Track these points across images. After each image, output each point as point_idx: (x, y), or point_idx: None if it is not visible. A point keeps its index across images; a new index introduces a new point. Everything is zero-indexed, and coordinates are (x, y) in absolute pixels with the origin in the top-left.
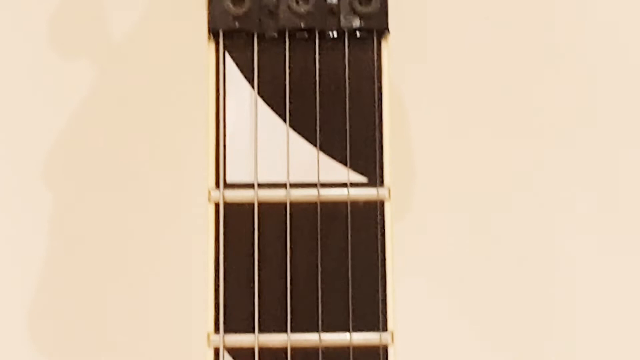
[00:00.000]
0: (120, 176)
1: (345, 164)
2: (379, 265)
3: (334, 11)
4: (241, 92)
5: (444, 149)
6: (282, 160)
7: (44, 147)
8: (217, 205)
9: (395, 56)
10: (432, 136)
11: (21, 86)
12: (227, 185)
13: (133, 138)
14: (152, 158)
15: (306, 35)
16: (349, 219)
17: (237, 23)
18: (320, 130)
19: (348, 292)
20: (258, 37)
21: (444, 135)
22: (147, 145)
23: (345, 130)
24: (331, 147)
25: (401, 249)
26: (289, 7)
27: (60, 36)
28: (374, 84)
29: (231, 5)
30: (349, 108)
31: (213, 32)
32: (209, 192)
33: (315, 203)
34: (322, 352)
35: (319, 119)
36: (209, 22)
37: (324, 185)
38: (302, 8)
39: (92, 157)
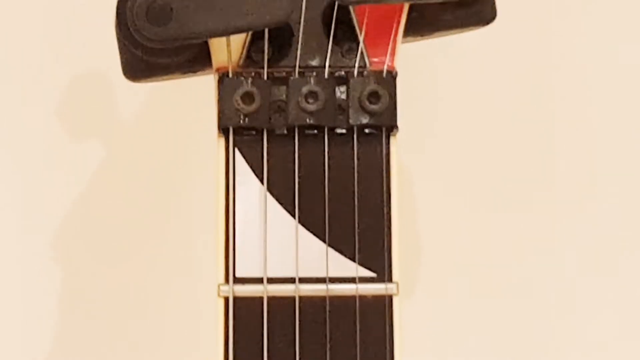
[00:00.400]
0: (127, 266)
1: (354, 260)
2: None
3: (343, 108)
4: (251, 187)
5: (451, 238)
6: (291, 255)
7: (51, 228)
8: (226, 299)
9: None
10: (440, 225)
11: (32, 165)
12: (237, 280)
13: (141, 229)
14: (161, 250)
15: (315, 132)
16: (358, 314)
17: (246, 120)
18: (329, 226)
19: None
20: (267, 134)
21: (452, 225)
22: (156, 236)
23: (354, 225)
24: (340, 243)
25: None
26: (298, 104)
27: (71, 117)
28: (382, 180)
29: (241, 103)
30: (358, 204)
31: (223, 129)
32: (219, 287)
33: (324, 298)
34: None
35: (328, 214)
36: (219, 119)
37: (332, 280)
38: (312, 105)
39: (98, 246)
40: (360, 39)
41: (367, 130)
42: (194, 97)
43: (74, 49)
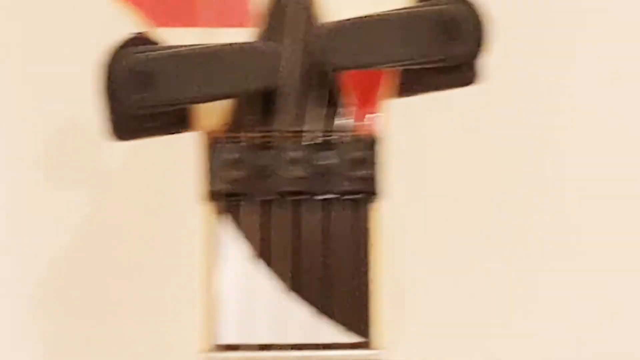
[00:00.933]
0: (108, 324)
1: (341, 325)
2: None
3: (327, 174)
4: (236, 252)
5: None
6: (277, 321)
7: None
8: None
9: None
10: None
11: (18, 214)
12: (221, 347)
13: (121, 287)
14: (143, 311)
15: (300, 198)
16: None
17: (232, 186)
18: (314, 291)
19: None
20: (252, 200)
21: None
22: (137, 295)
23: (340, 291)
24: (327, 308)
25: None
26: (284, 171)
27: (54, 166)
28: (367, 246)
29: (226, 170)
30: (344, 269)
31: (209, 194)
32: (202, 355)
33: None
34: None
35: (314, 280)
36: (205, 184)
37: (319, 346)
38: (297, 172)
39: (80, 301)
40: (345, 102)
41: (351, 197)
42: (180, 151)
43: (58, 96)
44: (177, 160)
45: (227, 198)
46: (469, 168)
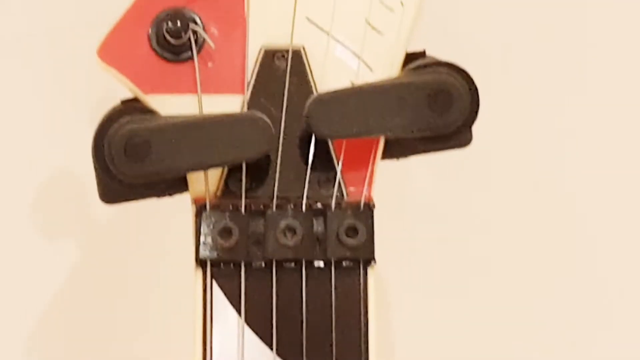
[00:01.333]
0: None
1: None
2: None
3: (320, 241)
4: (228, 319)
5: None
6: None
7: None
8: None
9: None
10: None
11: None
12: None
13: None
14: None
15: (293, 265)
16: None
17: (224, 254)
18: (307, 359)
19: None
20: (245, 267)
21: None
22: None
23: (332, 358)
24: None
25: None
26: (276, 238)
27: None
28: (360, 312)
29: (219, 238)
30: (336, 337)
31: (200, 261)
32: None
33: None
34: None
35: (306, 347)
36: (197, 251)
37: None
38: (290, 240)
39: (71, 348)
40: (338, 169)
41: (344, 264)
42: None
43: (49, 149)
44: (171, 223)
45: (219, 265)
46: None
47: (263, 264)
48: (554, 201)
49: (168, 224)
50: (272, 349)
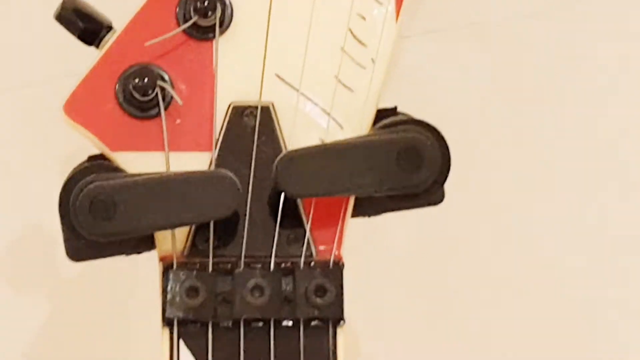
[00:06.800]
0: None
1: None
2: None
3: (289, 300)
4: None
5: None
6: None
7: None
8: None
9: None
10: None
11: None
12: None
13: None
14: None
15: (261, 324)
16: None
17: (191, 314)
18: None
19: None
20: (212, 326)
21: None
22: None
23: None
24: None
25: None
26: (244, 298)
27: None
28: None
29: (185, 297)
30: None
31: (167, 320)
32: None
33: None
34: None
35: None
36: (163, 311)
37: None
38: (258, 300)
39: None
40: (307, 228)
41: (313, 323)
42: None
43: (17, 201)
44: (138, 280)
45: (184, 324)
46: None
47: (230, 323)
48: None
49: (137, 282)
50: None
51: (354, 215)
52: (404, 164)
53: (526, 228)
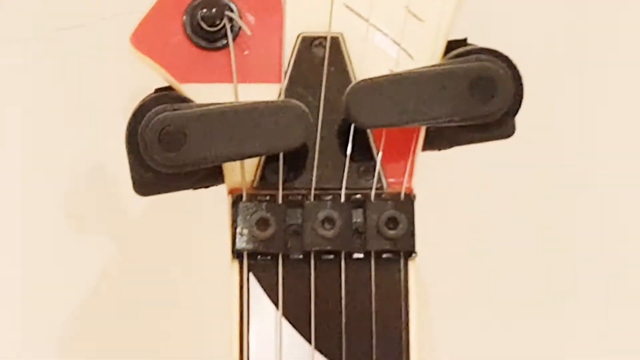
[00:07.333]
0: None
1: None
2: None
3: (360, 232)
4: (265, 312)
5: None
6: None
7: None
8: None
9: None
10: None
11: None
12: None
13: (146, 340)
14: None
15: (332, 257)
16: None
17: (261, 245)
18: (346, 352)
19: None
20: (283, 259)
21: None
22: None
23: (372, 352)
24: None
25: None
26: (314, 230)
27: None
28: (401, 305)
29: (256, 229)
30: (376, 330)
31: (237, 253)
32: None
33: None
34: None
35: (345, 340)
36: (233, 243)
37: None
38: (328, 231)
39: (104, 345)
40: (378, 159)
41: (384, 255)
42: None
43: (82, 142)
44: (206, 215)
45: (256, 257)
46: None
47: (301, 256)
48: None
49: (202, 217)
50: (310, 342)
51: (424, 149)
52: (476, 94)
53: None
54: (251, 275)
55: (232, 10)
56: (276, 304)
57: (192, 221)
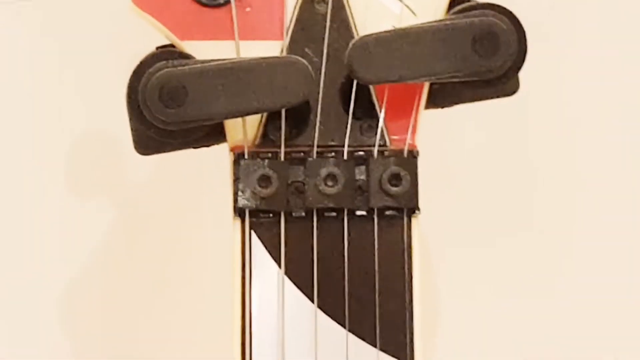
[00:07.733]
0: (136, 345)
1: (375, 345)
2: None
3: (362, 189)
4: (268, 270)
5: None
6: (310, 341)
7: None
8: None
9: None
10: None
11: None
12: None
13: (148, 303)
14: (172, 332)
15: (334, 214)
16: None
17: (263, 203)
18: (349, 311)
19: None
20: (285, 216)
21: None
22: (165, 312)
23: (375, 310)
24: (360, 328)
25: None
26: (317, 187)
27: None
28: (404, 263)
29: (257, 186)
30: (379, 288)
31: (239, 211)
32: None
33: None
34: None
35: (348, 298)
36: (235, 201)
37: None
38: (331, 188)
39: (103, 319)
40: (380, 116)
41: (387, 212)
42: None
43: (84, 108)
44: (207, 173)
45: (258, 214)
46: (501, 178)
47: (303, 213)
48: None
49: (203, 175)
50: (312, 300)
51: (427, 107)
52: (480, 49)
53: None
54: (253, 233)
55: None
56: (278, 262)
57: (193, 180)
